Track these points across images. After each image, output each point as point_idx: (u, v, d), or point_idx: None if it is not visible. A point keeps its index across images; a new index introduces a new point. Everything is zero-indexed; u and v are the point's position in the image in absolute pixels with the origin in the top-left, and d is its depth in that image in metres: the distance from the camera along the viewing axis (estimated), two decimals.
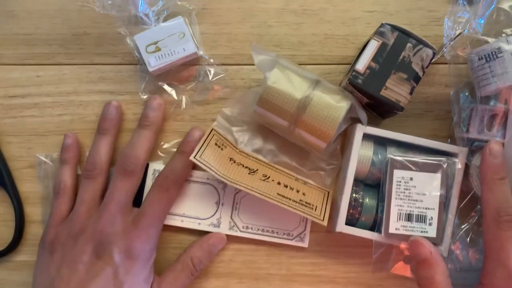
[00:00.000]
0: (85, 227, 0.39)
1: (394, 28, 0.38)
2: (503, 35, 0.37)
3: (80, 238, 0.38)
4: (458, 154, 0.39)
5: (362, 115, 0.38)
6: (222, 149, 0.42)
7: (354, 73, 0.37)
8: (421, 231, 0.38)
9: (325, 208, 0.41)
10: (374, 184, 0.40)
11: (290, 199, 0.40)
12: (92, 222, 0.39)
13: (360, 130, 0.39)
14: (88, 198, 0.40)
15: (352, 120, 0.39)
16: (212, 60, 0.43)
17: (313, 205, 0.41)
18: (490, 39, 0.37)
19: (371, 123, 0.40)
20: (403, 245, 0.38)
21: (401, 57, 0.37)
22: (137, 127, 0.42)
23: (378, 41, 0.37)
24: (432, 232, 0.38)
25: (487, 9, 0.38)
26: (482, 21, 0.38)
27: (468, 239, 0.40)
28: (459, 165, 0.38)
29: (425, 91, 0.43)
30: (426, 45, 0.37)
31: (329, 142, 0.38)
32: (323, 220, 0.40)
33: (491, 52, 0.36)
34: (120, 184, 0.40)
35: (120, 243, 0.38)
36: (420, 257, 0.36)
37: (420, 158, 0.38)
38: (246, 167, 0.42)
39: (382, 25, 0.38)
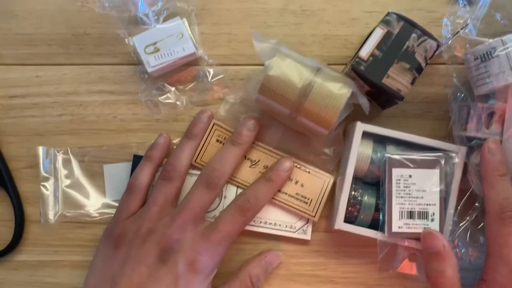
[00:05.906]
0: (154, 229, 0.38)
1: (400, 17, 0.37)
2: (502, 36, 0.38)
3: (149, 239, 0.38)
4: (457, 153, 0.39)
5: (364, 101, 0.38)
6: (223, 144, 0.42)
7: (357, 59, 0.37)
8: (424, 228, 0.38)
9: (320, 201, 0.41)
10: (373, 182, 0.41)
11: (286, 193, 0.41)
12: (163, 225, 0.38)
13: (360, 128, 0.39)
14: (161, 199, 0.40)
15: (354, 106, 0.39)
16: (211, 61, 0.44)
17: (308, 199, 0.41)
18: (487, 40, 0.37)
19: (370, 113, 0.39)
20: (407, 243, 0.38)
21: (405, 46, 0.37)
22: (228, 141, 0.41)
23: (383, 30, 0.37)
24: (435, 227, 0.38)
25: (484, 10, 0.38)
26: (479, 22, 0.38)
27: (468, 236, 0.40)
28: (457, 159, 0.38)
29: (424, 91, 0.43)
30: (431, 37, 0.37)
31: (331, 129, 0.38)
32: (314, 216, 0.40)
33: (486, 52, 0.36)
34: (200, 194, 0.39)
35: (187, 253, 0.37)
36: (433, 250, 0.36)
37: (417, 155, 0.38)
38: (248, 159, 0.42)
39: (388, 13, 0.38)
